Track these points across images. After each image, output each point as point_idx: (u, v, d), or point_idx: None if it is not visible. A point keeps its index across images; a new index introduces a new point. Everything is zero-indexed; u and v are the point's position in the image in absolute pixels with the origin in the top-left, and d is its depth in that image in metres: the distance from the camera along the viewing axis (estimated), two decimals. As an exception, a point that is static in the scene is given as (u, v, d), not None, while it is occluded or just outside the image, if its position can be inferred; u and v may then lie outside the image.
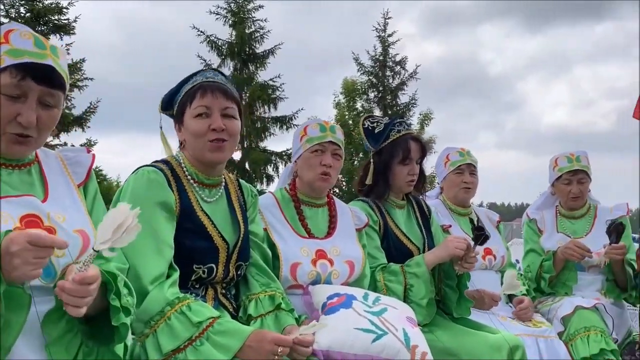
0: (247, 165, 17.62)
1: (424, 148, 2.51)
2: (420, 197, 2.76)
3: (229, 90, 1.81)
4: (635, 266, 2.60)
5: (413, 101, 19.86)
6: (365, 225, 2.32)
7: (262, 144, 18.01)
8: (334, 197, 2.34)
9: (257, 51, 17.89)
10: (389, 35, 19.86)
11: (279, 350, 1.54)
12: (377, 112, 19.76)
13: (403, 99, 19.93)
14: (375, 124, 2.51)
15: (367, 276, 2.22)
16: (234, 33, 17.66)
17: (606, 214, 2.98)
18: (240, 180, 2.03)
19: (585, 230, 2.97)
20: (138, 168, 1.77)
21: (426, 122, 20.14)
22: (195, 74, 1.87)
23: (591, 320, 2.52)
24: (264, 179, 17.66)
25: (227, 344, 1.52)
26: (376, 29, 19.84)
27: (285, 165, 15.31)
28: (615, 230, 2.68)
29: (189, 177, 1.81)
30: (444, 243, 2.29)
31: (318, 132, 2.18)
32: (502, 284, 2.75)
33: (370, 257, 2.31)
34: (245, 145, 17.62)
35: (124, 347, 1.37)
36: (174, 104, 1.86)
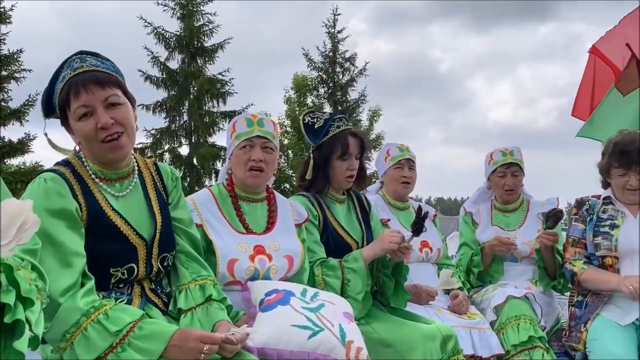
0: (195, 161, 17.38)
1: (363, 144, 2.53)
2: (361, 192, 2.80)
3: (101, 76, 1.63)
4: (564, 255, 2.74)
5: (362, 97, 20.08)
6: (306, 220, 2.33)
7: (210, 139, 17.81)
8: (274, 192, 2.33)
9: (206, 45, 17.67)
10: (339, 32, 19.99)
11: (206, 348, 1.51)
12: (327, 108, 19.85)
13: (353, 95, 20.12)
14: (315, 120, 2.51)
15: (307, 270, 2.24)
16: (182, 26, 17.35)
17: (538, 208, 3.11)
18: (159, 163, 1.91)
19: (518, 223, 3.10)
20: (38, 174, 1.65)
21: (375, 118, 20.39)
22: (62, 65, 1.68)
23: (521, 309, 2.64)
24: (213, 175, 17.46)
25: (150, 347, 1.48)
26: (326, 25, 19.94)
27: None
28: (554, 216, 2.79)
29: (93, 176, 1.69)
30: (379, 238, 2.34)
31: (245, 128, 2.16)
32: (438, 276, 2.84)
33: (310, 252, 2.33)
34: (193, 140, 17.38)
35: (34, 340, 1.24)
36: (54, 106, 1.69)
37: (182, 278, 1.80)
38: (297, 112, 19.66)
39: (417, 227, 2.37)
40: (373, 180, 4.90)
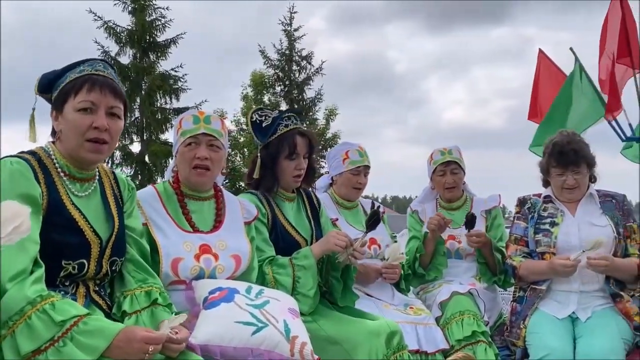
0: (146, 158, 17.01)
1: (312, 143, 2.52)
2: (311, 189, 2.81)
3: (118, 88, 1.75)
4: (505, 252, 2.83)
5: (319, 96, 20.10)
6: (255, 218, 2.31)
7: (163, 136, 17.46)
8: (223, 190, 2.30)
9: (159, 40, 17.31)
10: (295, 30, 19.96)
11: (150, 349, 1.49)
12: (284, 106, 19.79)
13: (309, 93, 20.14)
14: (263, 118, 2.49)
15: (255, 269, 2.22)
16: (134, 20, 16.95)
17: (481, 205, 3.21)
18: (117, 172, 1.95)
19: (462, 221, 3.17)
20: (0, 159, 1.65)
21: (331, 117, 20.45)
22: (83, 62, 1.77)
23: (465, 304, 2.71)
24: (165, 173, 17.11)
25: (93, 344, 1.45)
26: (282, 22, 19.87)
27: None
28: (468, 220, 2.91)
29: (59, 169, 1.71)
30: (325, 238, 2.36)
31: (191, 125, 2.12)
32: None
33: (259, 250, 2.31)
34: (144, 137, 17.00)
35: None
36: (54, 88, 1.75)
37: (127, 284, 1.79)
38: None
39: (372, 223, 2.41)
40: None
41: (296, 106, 19.60)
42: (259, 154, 2.47)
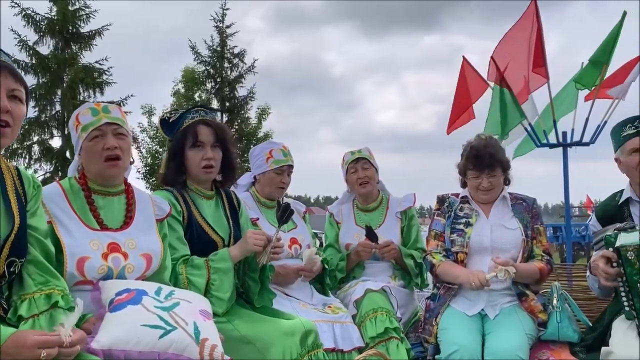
0: (67, 154, 16.24)
1: (220, 133, 2.46)
2: (232, 188, 2.76)
3: (17, 72, 1.69)
4: (419, 255, 2.92)
5: (251, 95, 19.94)
6: (168, 214, 2.23)
7: (85, 131, 16.69)
8: (133, 186, 2.21)
9: (82, 31, 16.58)
10: (227, 27, 19.70)
11: (43, 354, 1.40)
12: (215, 104, 19.51)
13: (241, 92, 19.93)
14: (172, 115, 2.49)
15: (168, 268, 2.16)
16: (54, 9, 16.13)
17: (396, 205, 3.28)
18: (21, 169, 1.83)
19: (379, 221, 3.25)
20: None
21: (264, 116, 20.35)
22: None
23: (378, 302, 2.77)
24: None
25: None
26: (214, 19, 19.56)
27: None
28: (368, 233, 3.01)
29: None
30: (243, 239, 2.34)
31: (91, 117, 2.04)
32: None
33: (172, 249, 2.26)
34: (66, 132, 16.21)
35: None
36: None
37: (26, 287, 1.67)
38: (184, 106, 19.08)
39: (285, 217, 2.43)
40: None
41: (228, 104, 19.37)
42: (166, 149, 2.44)
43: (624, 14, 5.13)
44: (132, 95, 17.26)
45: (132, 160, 2.18)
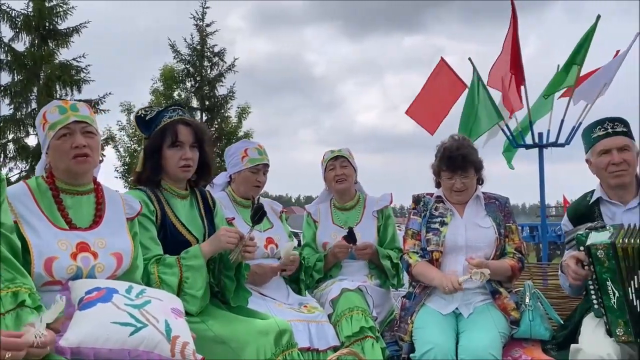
0: (44, 153, 15.93)
1: (198, 133, 2.45)
2: (208, 187, 2.74)
3: None
4: (396, 255, 2.94)
5: (231, 94, 19.81)
6: (138, 213, 2.20)
7: (62, 130, 16.42)
8: (102, 184, 2.18)
9: (59, 27, 16.30)
10: (207, 25, 19.57)
11: (7, 356, 1.37)
12: (195, 102, 19.36)
13: (221, 90, 19.79)
14: (148, 112, 2.46)
15: (139, 268, 2.13)
16: (31, 5, 15.84)
17: (373, 204, 3.29)
18: None
19: (356, 220, 3.26)
20: None
21: (244, 115, 20.23)
22: None
23: (354, 301, 2.78)
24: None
25: None
26: (194, 17, 19.40)
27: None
28: (349, 235, 3.06)
29: None
30: (215, 236, 2.31)
31: (58, 116, 2.01)
32: None
33: (144, 248, 2.23)
34: (42, 130, 15.91)
35: None
36: None
37: None
38: (163, 105, 18.86)
39: (257, 218, 2.41)
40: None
41: (207, 103, 19.23)
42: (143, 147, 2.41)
43: (598, 17, 5.23)
44: (110, 94, 17.05)
45: (101, 158, 2.15)
